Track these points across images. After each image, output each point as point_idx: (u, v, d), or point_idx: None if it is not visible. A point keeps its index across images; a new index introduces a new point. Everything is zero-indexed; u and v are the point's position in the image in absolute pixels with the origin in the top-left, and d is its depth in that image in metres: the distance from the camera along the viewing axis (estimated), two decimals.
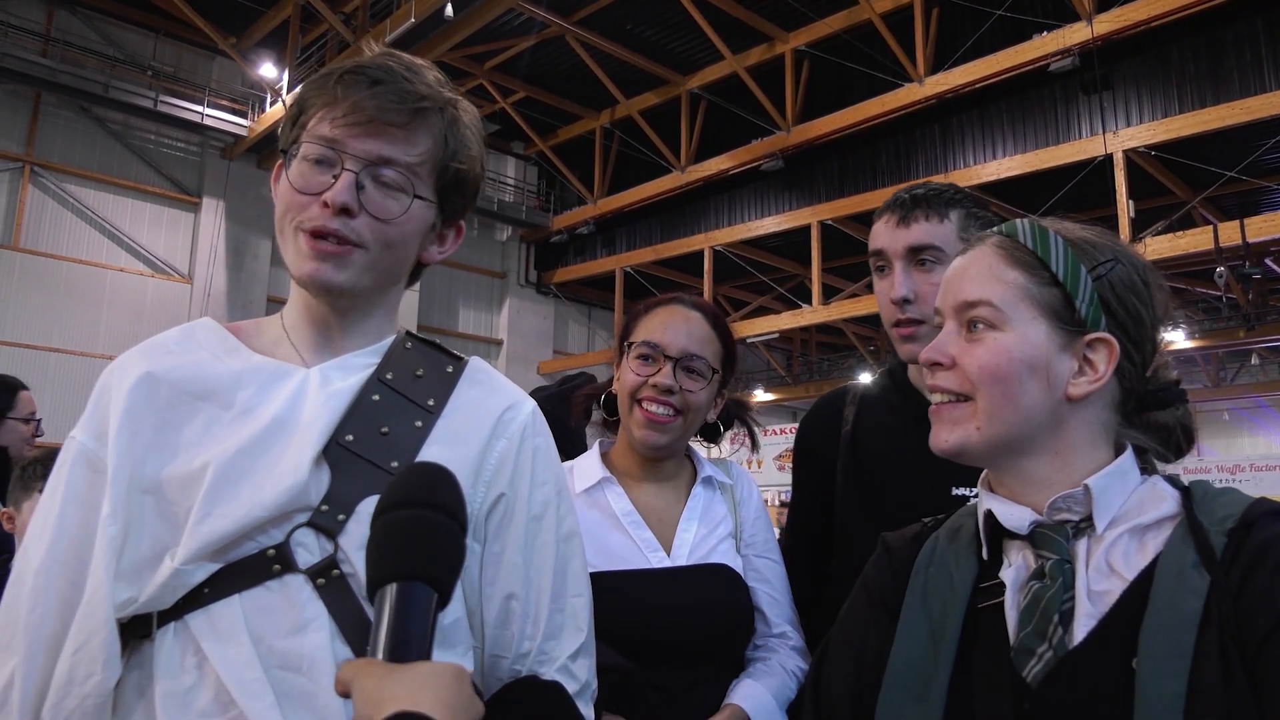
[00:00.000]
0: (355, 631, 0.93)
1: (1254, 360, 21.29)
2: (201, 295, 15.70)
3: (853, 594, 1.07)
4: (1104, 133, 12.12)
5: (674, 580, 1.55)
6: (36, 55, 14.15)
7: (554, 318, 20.64)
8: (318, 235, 1.00)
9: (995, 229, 1.01)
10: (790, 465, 1.86)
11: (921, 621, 0.94)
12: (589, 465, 1.69)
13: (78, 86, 14.31)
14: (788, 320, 16.85)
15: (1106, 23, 11.72)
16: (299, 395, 1.01)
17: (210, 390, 1.01)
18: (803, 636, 1.66)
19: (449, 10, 12.54)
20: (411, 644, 0.69)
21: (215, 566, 0.93)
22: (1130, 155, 11.99)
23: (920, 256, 1.52)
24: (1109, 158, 12.03)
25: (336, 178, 0.99)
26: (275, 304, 13.38)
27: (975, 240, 1.01)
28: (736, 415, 1.83)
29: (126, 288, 15.26)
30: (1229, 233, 11.47)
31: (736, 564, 1.62)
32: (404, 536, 0.73)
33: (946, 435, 0.95)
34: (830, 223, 15.52)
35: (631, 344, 1.65)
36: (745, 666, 1.60)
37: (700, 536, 1.62)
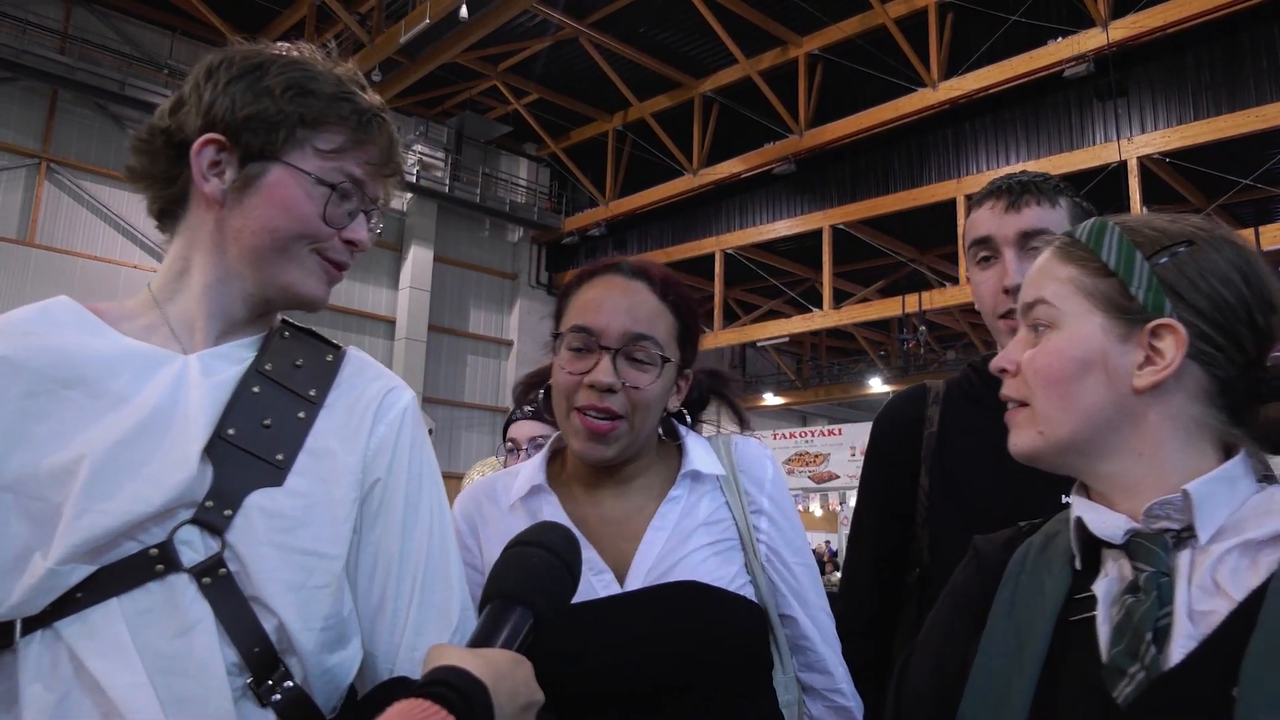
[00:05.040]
0: (241, 632, 0.89)
1: None
2: None
3: (939, 600, 1.04)
4: (1118, 139, 12.09)
5: (614, 612, 1.22)
6: (54, 53, 14.20)
7: None
8: (338, 265, 1.07)
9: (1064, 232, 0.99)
10: (800, 470, 1.75)
11: (1008, 632, 0.91)
12: (526, 470, 1.35)
13: (94, 84, 14.35)
14: (798, 324, 16.83)
15: (1122, 29, 11.70)
16: (179, 384, 0.95)
17: (78, 376, 0.93)
18: (851, 681, 1.37)
19: (464, 11, 12.57)
20: (491, 643, 0.82)
21: (90, 569, 0.86)
22: (1144, 162, 11.97)
23: (1032, 244, 1.42)
24: (1123, 164, 12.01)
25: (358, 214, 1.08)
26: None
27: (1043, 245, 0.99)
28: (712, 389, 1.48)
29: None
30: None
31: (721, 576, 1.26)
32: (523, 568, 0.88)
33: (1016, 439, 0.93)
34: (842, 227, 15.51)
35: (561, 334, 1.29)
36: (773, 698, 1.30)
37: (667, 549, 1.27)
